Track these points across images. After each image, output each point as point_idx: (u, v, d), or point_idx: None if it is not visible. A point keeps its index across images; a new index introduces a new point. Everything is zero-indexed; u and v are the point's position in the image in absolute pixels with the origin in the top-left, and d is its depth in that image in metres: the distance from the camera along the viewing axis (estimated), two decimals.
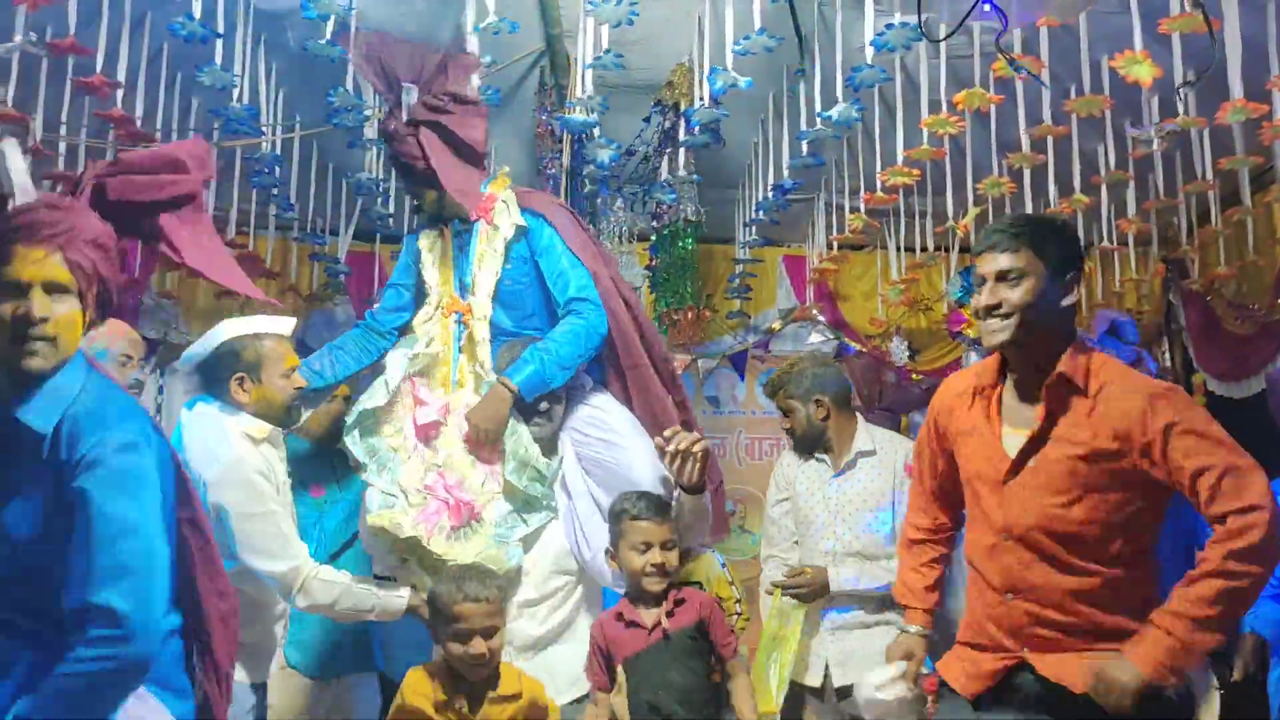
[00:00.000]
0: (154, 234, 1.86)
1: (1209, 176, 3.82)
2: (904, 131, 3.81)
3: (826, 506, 3.30)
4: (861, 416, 3.43)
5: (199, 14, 3.12)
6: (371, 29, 3.63)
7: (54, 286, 1.70)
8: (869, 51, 3.17)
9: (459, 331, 2.92)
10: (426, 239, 3.02)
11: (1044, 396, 2.13)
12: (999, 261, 2.12)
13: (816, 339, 5.65)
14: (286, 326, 2.76)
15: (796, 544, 3.37)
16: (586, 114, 3.63)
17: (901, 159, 3.77)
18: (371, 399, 2.82)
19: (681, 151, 4.24)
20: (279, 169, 4.29)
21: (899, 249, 5.16)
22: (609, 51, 3.29)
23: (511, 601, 2.70)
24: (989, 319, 2.15)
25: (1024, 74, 3.09)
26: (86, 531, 1.64)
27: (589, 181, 4.47)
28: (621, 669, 2.52)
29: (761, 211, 4.53)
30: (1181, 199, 4.28)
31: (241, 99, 3.58)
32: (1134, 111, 3.62)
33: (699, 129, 3.73)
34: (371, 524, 2.72)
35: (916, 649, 2.42)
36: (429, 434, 2.83)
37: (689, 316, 5.02)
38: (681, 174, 4.36)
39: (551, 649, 2.75)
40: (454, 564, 2.61)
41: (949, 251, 5.06)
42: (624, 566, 2.58)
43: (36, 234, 1.70)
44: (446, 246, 2.98)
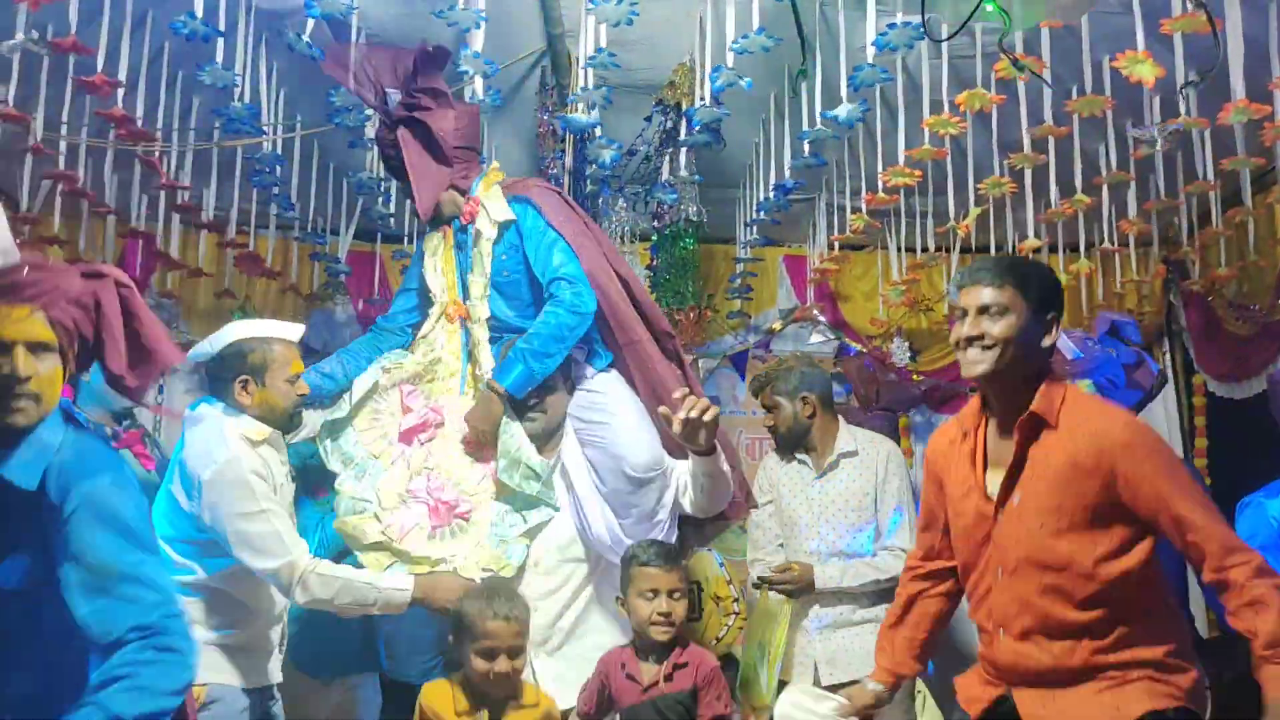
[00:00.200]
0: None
1: (1210, 177, 3.82)
2: (905, 132, 3.81)
3: (810, 508, 3.32)
4: (843, 419, 3.45)
5: (200, 13, 3.11)
6: (372, 29, 3.64)
7: (37, 345, 1.73)
8: (870, 51, 3.16)
9: (465, 336, 2.96)
10: (430, 242, 3.07)
11: (1016, 431, 2.16)
12: (983, 296, 2.15)
13: (817, 339, 5.63)
14: (295, 333, 2.78)
15: (781, 546, 3.38)
16: (588, 109, 3.63)
17: (903, 159, 3.77)
18: (336, 410, 2.89)
19: (683, 151, 4.24)
20: (280, 168, 4.29)
21: (900, 249, 5.15)
22: (601, 50, 3.29)
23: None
24: (970, 350, 2.16)
25: (1027, 73, 3.08)
26: (88, 569, 1.70)
27: (591, 182, 4.47)
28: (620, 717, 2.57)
29: (762, 211, 4.52)
30: (1183, 200, 4.27)
31: (243, 98, 3.58)
32: (1135, 112, 3.62)
33: (700, 129, 3.73)
34: (336, 529, 2.78)
35: (861, 701, 2.41)
36: (417, 438, 2.86)
37: (690, 316, 5.02)
38: (683, 174, 4.36)
39: (567, 647, 2.76)
40: (483, 580, 2.66)
41: (950, 252, 5.05)
42: (631, 614, 2.60)
43: (20, 294, 1.72)
44: (448, 248, 3.00)
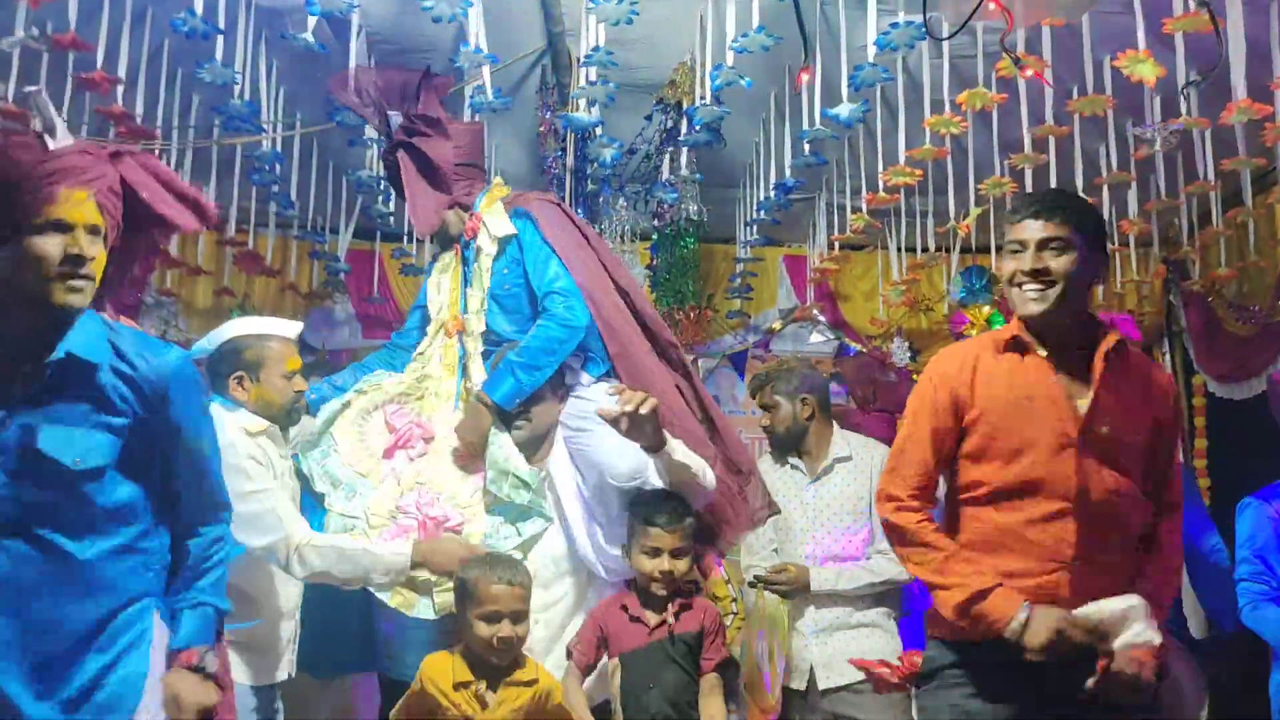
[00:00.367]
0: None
1: (1211, 177, 3.82)
2: (906, 131, 3.81)
3: (804, 512, 3.32)
4: (837, 424, 3.46)
5: (200, 10, 3.11)
6: (373, 27, 3.64)
7: (92, 228, 1.81)
8: (871, 50, 3.16)
9: (461, 351, 2.96)
10: (441, 261, 3.09)
11: (1101, 361, 2.07)
12: (1043, 229, 2.04)
13: (817, 339, 5.64)
14: (292, 330, 2.79)
15: (776, 551, 3.39)
16: (590, 107, 3.63)
17: (903, 159, 3.77)
18: (303, 433, 2.90)
19: (683, 150, 4.24)
20: (279, 166, 4.29)
21: (900, 249, 5.15)
22: (598, 49, 3.29)
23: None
24: (1028, 285, 2.05)
25: (1029, 72, 3.08)
26: (187, 449, 1.95)
27: (592, 181, 4.47)
28: (618, 661, 2.54)
29: (763, 211, 4.52)
30: (1183, 200, 4.27)
31: (242, 96, 3.58)
32: (1136, 112, 3.61)
33: (700, 127, 3.73)
34: None
35: None
36: (406, 454, 2.86)
37: (690, 316, 5.02)
38: (683, 173, 4.36)
39: (558, 647, 2.76)
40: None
41: (950, 252, 5.05)
42: (634, 567, 2.60)
43: (78, 177, 1.80)
44: (458, 265, 3.03)
